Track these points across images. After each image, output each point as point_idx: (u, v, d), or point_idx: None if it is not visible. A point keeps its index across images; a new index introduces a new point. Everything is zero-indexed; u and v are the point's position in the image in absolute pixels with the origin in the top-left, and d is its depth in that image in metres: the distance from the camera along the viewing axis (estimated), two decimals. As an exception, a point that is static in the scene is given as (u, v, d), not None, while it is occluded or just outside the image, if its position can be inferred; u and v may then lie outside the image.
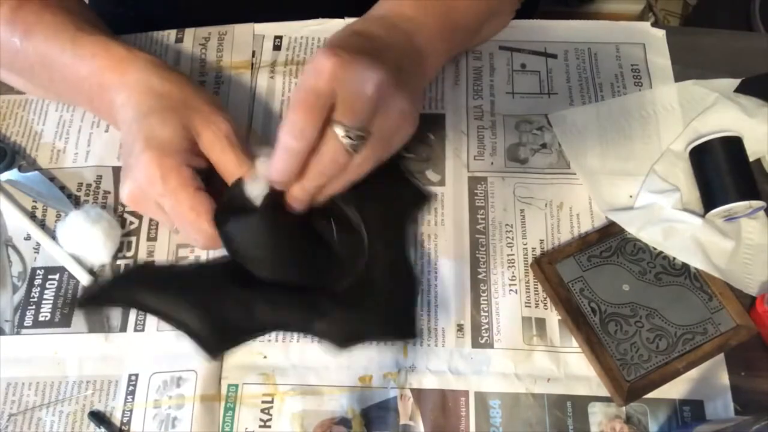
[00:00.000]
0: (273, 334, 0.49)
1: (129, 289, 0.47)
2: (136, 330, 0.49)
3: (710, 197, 0.51)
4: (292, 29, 0.61)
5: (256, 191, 0.46)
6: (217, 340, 0.46)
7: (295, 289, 0.46)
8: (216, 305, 0.46)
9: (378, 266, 0.48)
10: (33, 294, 0.51)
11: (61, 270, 0.51)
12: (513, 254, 0.51)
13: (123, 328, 0.50)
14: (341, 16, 0.61)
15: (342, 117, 0.42)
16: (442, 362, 0.48)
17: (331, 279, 0.47)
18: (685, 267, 0.50)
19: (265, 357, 0.48)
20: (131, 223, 0.53)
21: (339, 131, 0.42)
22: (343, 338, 0.45)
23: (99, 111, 0.54)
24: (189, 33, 0.61)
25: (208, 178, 0.47)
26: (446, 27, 0.50)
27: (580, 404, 0.46)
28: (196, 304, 0.45)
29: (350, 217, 0.48)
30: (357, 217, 0.48)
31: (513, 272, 0.51)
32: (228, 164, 0.47)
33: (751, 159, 0.52)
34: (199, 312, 0.45)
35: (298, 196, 0.45)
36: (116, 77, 0.49)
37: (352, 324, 0.46)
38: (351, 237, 0.48)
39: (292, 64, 0.59)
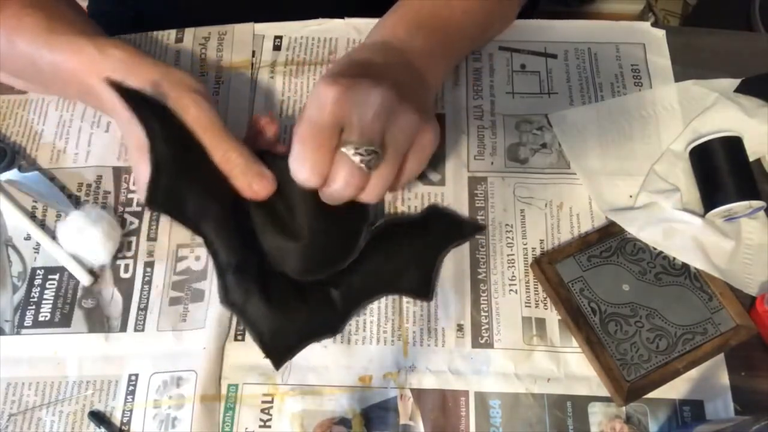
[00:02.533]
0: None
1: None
2: (136, 330, 0.49)
3: (710, 197, 0.51)
4: (292, 29, 0.61)
5: None
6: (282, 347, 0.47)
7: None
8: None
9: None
10: (33, 294, 0.51)
11: (61, 270, 0.51)
12: (513, 254, 0.51)
13: (123, 328, 0.50)
14: (341, 16, 0.61)
15: (350, 136, 0.41)
16: (442, 362, 0.48)
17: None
18: (685, 267, 0.50)
19: (265, 357, 0.48)
20: (131, 223, 0.53)
21: (349, 151, 0.41)
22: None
23: (96, 108, 0.54)
24: (189, 33, 0.61)
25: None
26: (443, 42, 0.51)
27: (580, 404, 0.46)
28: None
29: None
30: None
31: (513, 272, 0.51)
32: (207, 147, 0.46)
33: (751, 159, 0.52)
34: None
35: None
36: (93, 80, 0.48)
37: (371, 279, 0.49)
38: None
39: (292, 64, 0.59)
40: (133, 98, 0.45)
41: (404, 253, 0.50)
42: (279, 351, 0.46)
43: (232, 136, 0.46)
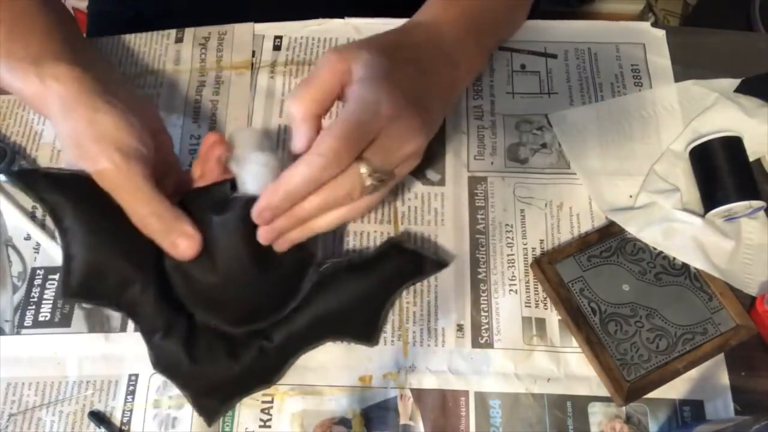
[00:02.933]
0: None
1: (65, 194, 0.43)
2: (136, 330, 0.49)
3: (710, 197, 0.51)
4: (292, 29, 0.61)
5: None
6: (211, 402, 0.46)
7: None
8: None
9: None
10: (33, 294, 0.51)
11: (61, 270, 0.51)
12: (513, 254, 0.51)
13: (123, 328, 0.50)
14: (341, 16, 0.61)
15: (374, 160, 0.41)
16: (442, 362, 0.48)
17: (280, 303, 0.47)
18: (685, 267, 0.50)
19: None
20: (131, 223, 0.53)
21: (364, 170, 0.41)
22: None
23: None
24: (189, 33, 0.61)
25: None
26: (476, 29, 0.51)
27: (580, 404, 0.46)
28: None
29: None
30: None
31: (513, 272, 0.51)
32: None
33: (751, 159, 0.52)
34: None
35: (285, 224, 0.42)
36: (43, 110, 0.46)
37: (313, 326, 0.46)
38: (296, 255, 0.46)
39: (292, 64, 0.59)
40: (36, 182, 0.43)
41: (351, 296, 0.47)
42: (209, 410, 0.45)
43: (152, 193, 0.42)
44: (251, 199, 0.42)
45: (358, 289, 0.47)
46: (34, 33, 0.48)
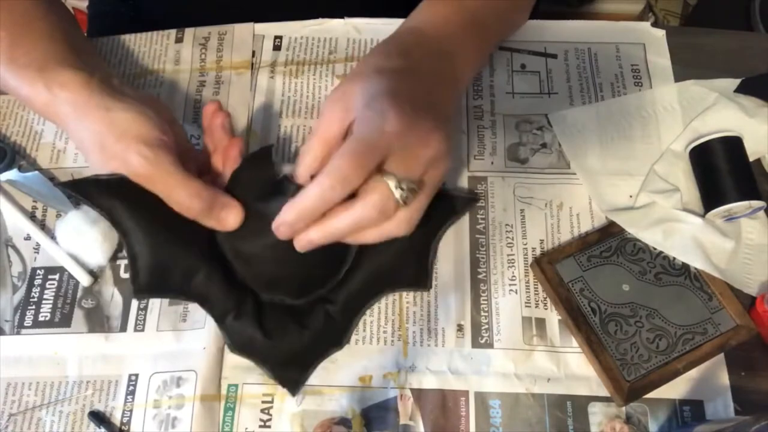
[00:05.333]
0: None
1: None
2: (136, 330, 0.49)
3: (710, 197, 0.51)
4: (292, 29, 0.61)
5: None
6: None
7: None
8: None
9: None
10: (33, 294, 0.51)
11: (61, 270, 0.51)
12: (513, 254, 0.51)
13: (123, 328, 0.50)
14: (341, 16, 0.61)
15: (397, 171, 0.41)
16: (442, 362, 0.48)
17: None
18: (685, 267, 0.50)
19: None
20: (131, 223, 0.53)
21: (391, 182, 0.40)
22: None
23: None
24: (189, 33, 0.61)
25: None
26: (477, 33, 0.51)
27: (580, 404, 0.46)
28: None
29: None
30: None
31: (513, 272, 0.51)
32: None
33: (751, 159, 0.52)
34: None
35: (314, 239, 0.43)
36: (50, 117, 0.47)
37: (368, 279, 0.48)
38: None
39: (292, 64, 0.59)
40: (89, 190, 0.45)
41: (396, 247, 0.48)
42: (290, 379, 0.47)
43: (184, 176, 0.43)
44: (296, 187, 0.44)
45: (401, 240, 0.47)
46: (37, 37, 0.48)
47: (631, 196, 0.53)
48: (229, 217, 0.45)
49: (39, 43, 0.48)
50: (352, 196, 0.41)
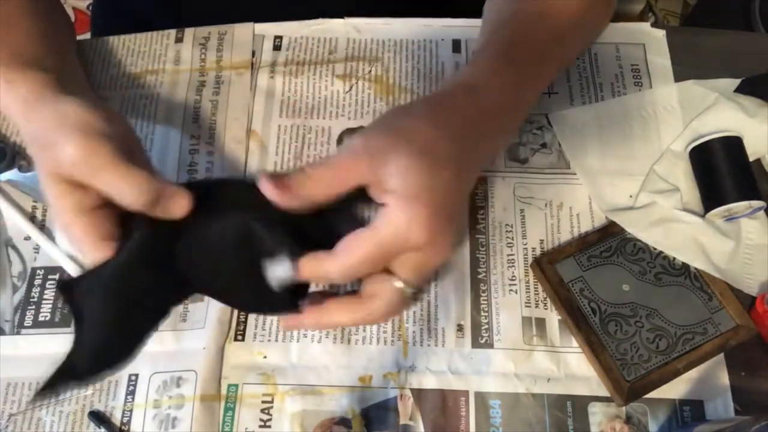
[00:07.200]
0: (273, 334, 0.49)
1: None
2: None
3: (710, 197, 0.51)
4: (292, 29, 0.61)
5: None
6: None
7: None
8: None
9: None
10: (33, 294, 0.51)
11: (61, 270, 0.51)
12: (513, 254, 0.51)
13: (123, 328, 0.50)
14: (341, 16, 0.61)
15: (408, 276, 0.39)
16: (442, 362, 0.48)
17: None
18: (685, 267, 0.50)
19: (265, 357, 0.48)
20: (131, 223, 0.53)
21: (398, 284, 0.39)
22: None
23: None
24: (189, 33, 0.61)
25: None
26: (537, 71, 0.47)
27: (580, 404, 0.46)
28: None
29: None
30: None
31: (513, 272, 0.51)
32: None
33: (751, 159, 0.52)
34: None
35: (310, 324, 0.41)
36: (13, 118, 0.44)
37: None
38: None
39: (292, 64, 0.59)
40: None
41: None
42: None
43: (128, 167, 0.38)
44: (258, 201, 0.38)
45: None
46: (16, 36, 0.47)
47: (631, 196, 0.53)
48: (175, 206, 0.38)
49: (12, 42, 0.46)
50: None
